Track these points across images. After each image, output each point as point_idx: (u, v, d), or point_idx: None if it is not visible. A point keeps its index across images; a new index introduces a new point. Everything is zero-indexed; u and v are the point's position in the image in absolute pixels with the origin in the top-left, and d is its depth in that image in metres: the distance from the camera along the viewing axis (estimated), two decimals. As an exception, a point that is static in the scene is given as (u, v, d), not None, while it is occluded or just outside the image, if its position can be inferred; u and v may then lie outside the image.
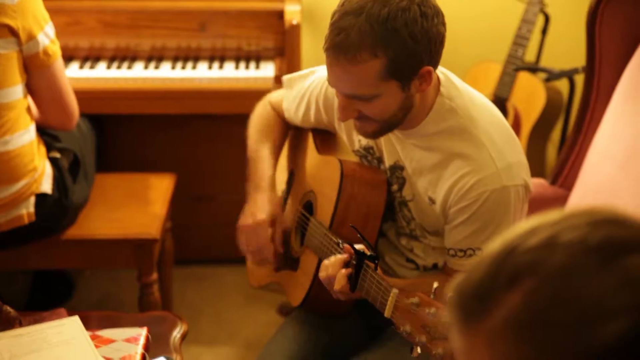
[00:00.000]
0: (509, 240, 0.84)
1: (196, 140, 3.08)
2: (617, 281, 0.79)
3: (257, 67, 2.86)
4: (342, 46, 1.62)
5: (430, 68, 1.66)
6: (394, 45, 1.60)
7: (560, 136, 3.01)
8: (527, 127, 3.01)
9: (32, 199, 2.32)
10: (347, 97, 1.69)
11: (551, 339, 0.79)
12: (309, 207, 2.00)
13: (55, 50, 2.30)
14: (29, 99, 2.33)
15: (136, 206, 2.60)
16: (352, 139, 1.95)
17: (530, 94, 3.00)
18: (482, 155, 1.72)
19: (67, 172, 2.43)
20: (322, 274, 1.67)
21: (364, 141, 1.91)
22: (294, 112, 2.04)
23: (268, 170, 2.02)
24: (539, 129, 3.05)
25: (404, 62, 1.62)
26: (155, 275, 2.54)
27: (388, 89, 1.66)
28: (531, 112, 3.00)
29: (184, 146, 3.08)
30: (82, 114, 2.70)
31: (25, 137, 2.28)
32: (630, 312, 0.78)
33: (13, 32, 2.17)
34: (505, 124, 1.80)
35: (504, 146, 1.74)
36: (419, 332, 1.38)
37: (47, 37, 2.26)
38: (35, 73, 2.28)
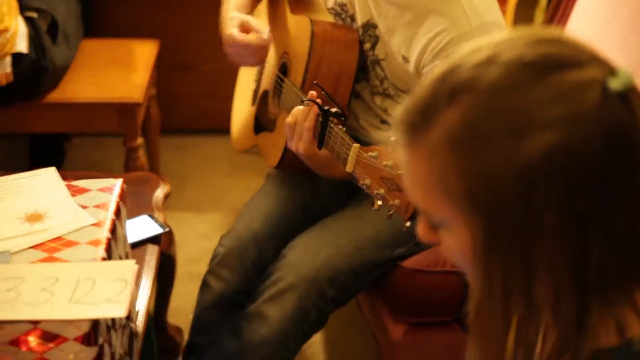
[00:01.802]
0: (453, 59, 0.87)
1: (181, 7, 3.05)
2: (549, 95, 0.81)
3: None
4: None
5: None
6: None
7: (547, 1, 2.99)
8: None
9: (8, 59, 2.33)
10: None
11: (483, 151, 0.82)
12: (284, 69, 2.01)
13: None
14: None
15: (119, 71, 2.61)
16: (327, -1, 1.94)
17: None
18: (456, 13, 1.70)
19: (44, 33, 2.43)
20: (289, 120, 1.66)
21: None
22: None
23: (241, 5, 2.00)
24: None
25: None
26: (140, 140, 2.57)
27: None
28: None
29: (169, 13, 3.05)
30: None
31: None
32: (560, 125, 0.80)
33: None
34: None
35: (479, 4, 1.72)
36: (378, 184, 1.41)
37: None
38: None
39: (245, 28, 1.95)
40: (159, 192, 2.06)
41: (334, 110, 1.60)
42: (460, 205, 0.84)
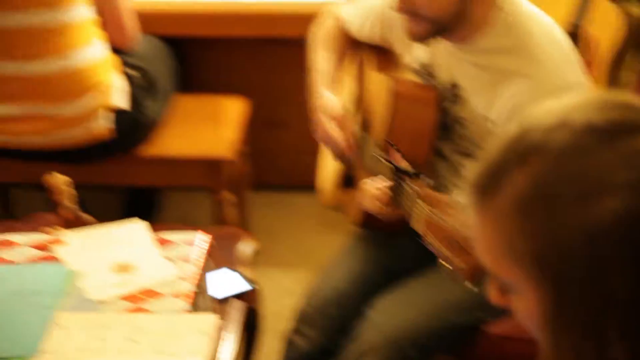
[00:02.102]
0: (524, 122, 0.88)
1: (272, 66, 3.12)
2: (618, 159, 0.82)
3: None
4: None
5: None
6: None
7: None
8: (603, 55, 2.96)
9: (111, 115, 2.43)
10: None
11: (551, 215, 0.83)
12: (366, 126, 2.04)
13: None
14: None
15: (210, 127, 2.68)
16: (410, 56, 1.96)
17: (608, 20, 2.93)
18: (540, 74, 1.70)
19: (141, 89, 2.53)
20: (364, 178, 1.69)
21: (421, 57, 1.92)
22: (357, 26, 2.06)
23: (320, 68, 2.04)
24: (618, 57, 2.99)
25: None
26: (228, 195, 2.62)
27: None
28: (608, 39, 2.94)
29: (261, 71, 3.12)
30: (159, 36, 2.79)
31: (90, 53, 2.39)
32: (629, 190, 0.80)
33: None
34: (569, 45, 1.78)
35: (564, 66, 1.72)
36: (443, 244, 1.40)
37: None
38: None
39: (335, 118, 1.99)
40: (247, 248, 2.10)
41: (405, 168, 1.61)
42: (528, 269, 0.84)
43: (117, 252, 1.51)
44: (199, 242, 1.54)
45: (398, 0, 1.73)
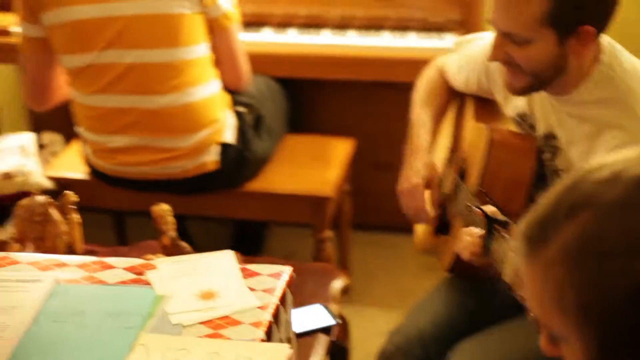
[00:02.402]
0: (579, 173, 0.89)
1: (381, 108, 3.18)
2: None
3: (440, 38, 2.92)
4: None
5: (593, 29, 1.64)
6: None
7: None
8: None
9: (217, 148, 2.53)
10: (502, 35, 1.71)
11: (598, 268, 0.84)
12: (462, 174, 2.05)
13: (234, 15, 2.52)
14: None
15: (316, 166, 2.75)
16: (509, 106, 1.97)
17: None
18: (637, 127, 1.69)
19: (250, 127, 2.62)
20: (456, 235, 1.71)
21: (520, 108, 1.92)
22: (458, 76, 2.09)
23: (426, 134, 2.07)
24: None
25: (568, 11, 1.63)
26: (328, 233, 2.68)
27: (544, 37, 1.66)
28: None
29: (369, 113, 3.18)
30: (272, 77, 2.88)
31: (207, 90, 2.49)
32: None
33: None
34: None
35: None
36: None
37: (226, 1, 2.48)
38: (216, 34, 2.49)
39: (429, 183, 2.02)
40: (337, 284, 2.14)
41: (498, 218, 1.62)
42: (575, 320, 0.85)
43: (204, 280, 1.58)
44: (280, 274, 1.59)
45: (494, 51, 1.76)
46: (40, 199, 1.99)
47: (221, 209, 2.68)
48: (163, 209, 1.99)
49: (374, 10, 2.99)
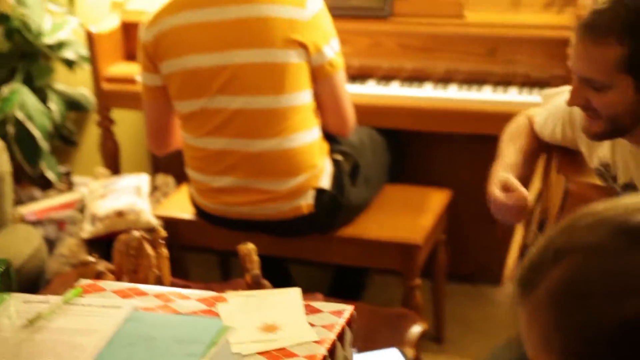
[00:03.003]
0: (569, 220, 0.94)
1: (478, 160, 3.20)
2: None
3: (541, 93, 2.93)
4: (591, 25, 1.69)
5: None
6: None
7: None
8: None
9: (312, 193, 2.62)
10: (580, 80, 1.74)
11: (579, 310, 0.87)
12: (542, 225, 2.07)
13: (339, 62, 2.60)
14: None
15: (410, 215, 2.81)
16: (593, 156, 1.98)
17: None
18: None
19: (346, 174, 2.71)
20: None
21: (602, 158, 1.93)
22: (545, 127, 2.12)
23: (506, 158, 2.10)
24: None
25: None
26: (417, 281, 2.72)
27: (621, 83, 1.68)
28: None
29: (466, 164, 3.22)
30: (376, 128, 2.97)
31: (309, 136, 2.59)
32: None
33: (303, 46, 2.49)
34: None
35: None
36: None
37: (332, 50, 2.57)
38: (320, 81, 2.59)
39: (506, 187, 2.05)
40: (415, 330, 2.18)
41: None
42: None
43: (268, 313, 1.66)
44: (344, 313, 1.66)
45: (573, 96, 1.79)
46: (136, 234, 2.13)
47: (314, 253, 2.78)
48: (248, 248, 2.10)
49: (479, 65, 3.04)
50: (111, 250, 2.10)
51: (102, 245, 2.85)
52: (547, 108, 2.12)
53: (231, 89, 2.54)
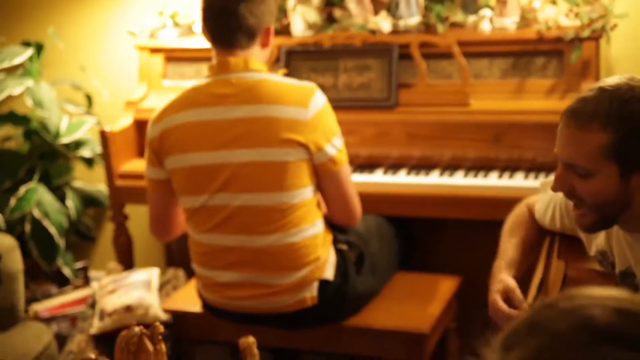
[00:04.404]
0: (555, 298, 0.96)
1: (487, 245, 3.18)
2: None
3: (547, 178, 2.93)
4: (576, 112, 1.70)
5: None
6: (626, 126, 1.65)
7: None
8: None
9: (316, 284, 2.62)
10: (565, 167, 1.74)
11: None
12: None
13: (342, 158, 2.61)
14: (319, 196, 2.66)
15: (416, 303, 2.79)
16: (590, 244, 1.97)
17: None
18: None
19: (351, 264, 2.70)
20: None
21: (600, 246, 1.92)
22: (544, 214, 2.12)
23: (506, 255, 2.10)
24: None
25: (631, 147, 1.66)
26: (429, 370, 2.68)
27: (606, 170, 1.68)
28: None
29: (474, 250, 3.19)
30: (383, 216, 2.98)
31: (311, 230, 2.59)
32: None
33: (303, 145, 2.52)
34: None
35: None
36: None
37: (334, 147, 2.58)
38: (324, 177, 2.60)
39: (508, 296, 2.04)
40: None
41: None
42: None
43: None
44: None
45: (557, 182, 1.79)
46: (136, 329, 2.14)
47: (321, 343, 2.75)
48: (248, 342, 2.08)
49: (485, 151, 3.05)
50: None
51: (112, 341, 2.85)
52: (545, 196, 2.12)
53: (231, 187, 2.56)
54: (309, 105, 2.53)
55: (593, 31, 2.96)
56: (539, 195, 2.20)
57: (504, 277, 2.08)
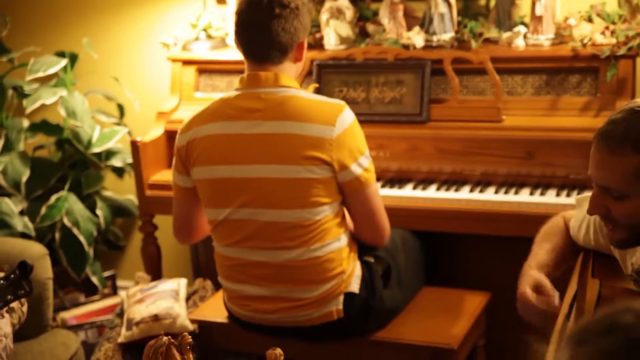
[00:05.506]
0: (634, 304, 1.01)
1: (518, 262, 3.15)
2: None
3: (580, 194, 2.90)
4: (607, 135, 1.69)
5: None
6: None
7: None
8: None
9: (341, 297, 2.60)
10: (600, 189, 1.73)
11: None
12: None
13: (369, 177, 2.57)
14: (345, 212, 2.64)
15: (444, 318, 2.76)
16: (625, 263, 1.94)
17: None
18: None
19: (378, 277, 2.68)
20: None
21: (635, 264, 1.90)
22: (578, 232, 2.10)
23: (538, 257, 2.09)
24: None
25: None
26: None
27: None
28: None
29: (504, 266, 3.16)
30: (411, 231, 2.96)
31: (335, 244, 2.58)
32: None
33: (327, 163, 2.50)
34: None
35: None
36: None
37: (360, 167, 2.54)
38: (350, 195, 2.58)
39: (539, 288, 2.02)
40: None
41: None
42: None
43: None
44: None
45: (592, 205, 1.77)
46: (164, 339, 2.14)
47: (347, 357, 2.73)
48: (276, 354, 2.08)
49: (516, 167, 3.02)
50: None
51: (139, 350, 2.86)
52: (580, 213, 2.10)
53: (255, 203, 2.55)
54: (336, 123, 2.50)
55: (629, 49, 2.94)
56: (574, 211, 2.18)
57: (534, 273, 2.07)
